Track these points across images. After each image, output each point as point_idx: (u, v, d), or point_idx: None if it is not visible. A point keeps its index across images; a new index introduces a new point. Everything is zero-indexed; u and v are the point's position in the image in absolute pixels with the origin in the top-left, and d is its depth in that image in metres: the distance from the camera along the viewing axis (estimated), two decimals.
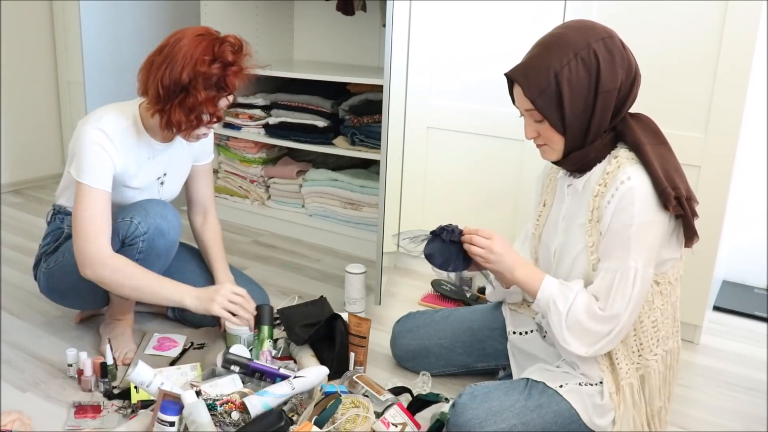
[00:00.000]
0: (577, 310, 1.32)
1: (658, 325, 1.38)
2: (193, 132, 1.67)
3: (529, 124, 1.36)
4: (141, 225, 1.64)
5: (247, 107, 2.94)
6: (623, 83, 1.29)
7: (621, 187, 1.28)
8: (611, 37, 1.29)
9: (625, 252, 1.28)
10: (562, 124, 1.30)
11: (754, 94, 2.03)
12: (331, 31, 3.17)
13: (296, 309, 1.93)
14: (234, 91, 1.66)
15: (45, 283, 1.81)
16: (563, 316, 1.33)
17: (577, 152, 1.34)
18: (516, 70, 1.32)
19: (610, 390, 1.37)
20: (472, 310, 1.79)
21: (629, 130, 1.32)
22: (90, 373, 1.64)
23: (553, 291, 1.35)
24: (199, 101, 1.58)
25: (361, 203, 2.75)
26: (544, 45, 1.31)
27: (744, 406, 1.73)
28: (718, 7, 1.79)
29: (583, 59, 1.26)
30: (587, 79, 1.27)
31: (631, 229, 1.26)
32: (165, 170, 1.82)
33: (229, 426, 1.41)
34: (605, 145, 1.34)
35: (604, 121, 1.31)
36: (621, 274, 1.29)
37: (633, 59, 1.32)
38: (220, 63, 1.59)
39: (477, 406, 1.34)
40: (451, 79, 2.29)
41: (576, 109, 1.28)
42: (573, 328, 1.33)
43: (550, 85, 1.27)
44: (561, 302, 1.34)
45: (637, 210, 1.26)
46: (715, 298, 2.33)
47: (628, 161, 1.30)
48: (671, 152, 1.34)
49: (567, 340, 1.33)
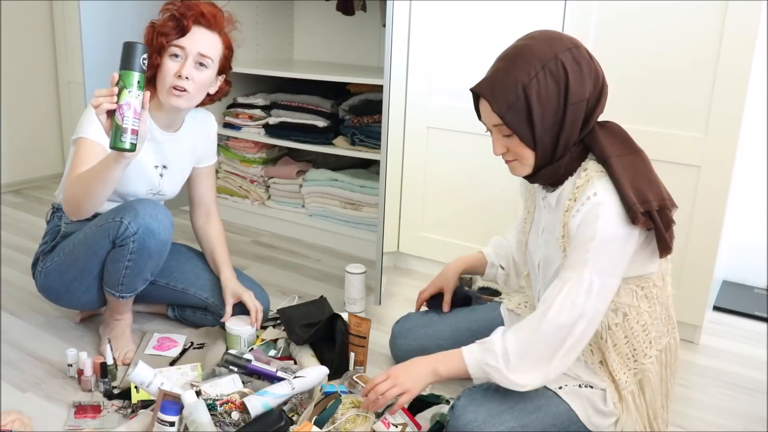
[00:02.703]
0: (511, 348, 1.29)
1: (648, 327, 1.37)
2: (162, 69, 1.67)
3: (497, 140, 1.33)
4: (131, 225, 1.63)
5: (247, 107, 2.94)
6: (591, 94, 1.27)
7: (587, 202, 1.25)
8: (578, 47, 1.26)
9: (582, 264, 1.25)
10: (532, 139, 1.27)
11: (754, 94, 2.03)
12: (331, 31, 3.17)
13: (296, 309, 1.93)
14: (188, 20, 1.67)
15: (41, 282, 1.81)
16: (501, 364, 1.29)
17: (547, 168, 1.31)
18: (482, 85, 1.28)
19: (614, 399, 1.37)
20: (471, 310, 1.79)
21: (596, 142, 1.29)
22: (90, 373, 1.64)
23: (476, 356, 1.33)
24: (156, 29, 1.67)
25: (361, 203, 2.75)
26: (509, 58, 1.27)
27: (744, 406, 1.73)
28: (718, 7, 1.79)
29: (551, 71, 1.23)
30: (556, 91, 1.24)
31: (591, 243, 1.24)
32: (164, 162, 1.82)
33: (229, 426, 1.41)
34: (575, 158, 1.31)
35: (574, 134, 1.28)
36: (572, 285, 1.26)
37: (600, 69, 1.29)
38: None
39: (475, 408, 1.34)
40: (451, 79, 2.29)
41: (546, 123, 1.25)
42: (518, 365, 1.29)
43: (518, 99, 1.24)
44: (491, 358, 1.31)
45: (600, 225, 1.23)
46: (715, 298, 2.33)
47: (597, 174, 1.27)
48: (643, 160, 1.30)
49: (520, 383, 1.30)
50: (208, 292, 1.92)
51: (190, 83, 1.67)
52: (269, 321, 1.98)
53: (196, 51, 1.67)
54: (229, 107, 3.01)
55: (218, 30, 1.72)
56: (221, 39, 1.73)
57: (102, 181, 1.48)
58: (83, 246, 1.71)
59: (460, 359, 1.35)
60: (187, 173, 1.92)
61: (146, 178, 1.79)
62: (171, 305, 2.01)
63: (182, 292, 1.92)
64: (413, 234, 2.50)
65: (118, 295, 1.74)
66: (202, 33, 1.68)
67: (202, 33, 1.68)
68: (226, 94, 1.84)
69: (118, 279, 1.70)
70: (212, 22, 1.70)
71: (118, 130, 1.35)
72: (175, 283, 1.92)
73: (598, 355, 1.39)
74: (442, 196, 2.41)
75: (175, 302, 1.98)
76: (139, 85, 1.36)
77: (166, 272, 1.91)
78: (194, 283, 1.92)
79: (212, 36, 1.70)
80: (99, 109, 1.35)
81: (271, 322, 1.97)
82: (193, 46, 1.66)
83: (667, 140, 1.91)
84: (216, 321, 1.92)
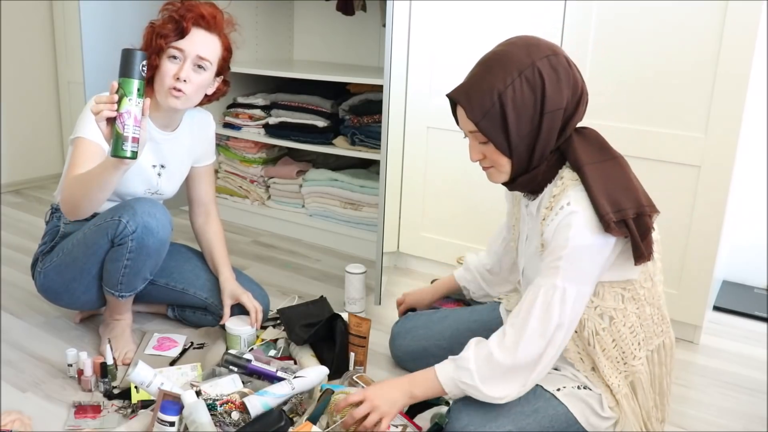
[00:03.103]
0: (486, 365, 1.28)
1: (636, 329, 1.36)
2: (161, 71, 1.66)
3: (473, 146, 1.32)
4: (129, 224, 1.63)
5: (247, 107, 2.94)
6: (569, 102, 1.25)
7: (560, 212, 1.24)
8: (556, 55, 1.24)
9: (554, 272, 1.24)
10: (507, 146, 1.26)
11: (754, 94, 2.03)
12: (331, 31, 3.17)
13: (296, 309, 1.93)
14: (187, 20, 1.66)
15: (41, 282, 1.81)
16: (477, 382, 1.28)
17: (524, 176, 1.30)
18: (458, 91, 1.27)
19: (610, 404, 1.37)
20: (470, 310, 1.79)
21: (572, 150, 1.27)
22: (90, 373, 1.64)
23: (451, 375, 1.32)
24: (155, 30, 1.67)
25: (361, 203, 2.75)
26: (486, 64, 1.26)
27: (744, 406, 1.73)
28: (718, 7, 1.79)
29: (527, 78, 1.21)
30: (532, 99, 1.22)
31: (563, 251, 1.23)
32: (163, 161, 1.82)
33: (229, 426, 1.41)
34: (551, 165, 1.30)
35: (550, 142, 1.27)
36: (545, 293, 1.25)
37: (579, 77, 1.27)
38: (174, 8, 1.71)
39: (472, 411, 1.33)
40: (451, 79, 2.29)
41: (521, 131, 1.24)
42: (496, 380, 1.28)
43: (494, 106, 1.22)
44: (466, 376, 1.29)
45: (572, 233, 1.22)
46: (715, 298, 2.33)
47: (572, 183, 1.26)
48: (620, 167, 1.28)
49: (497, 396, 1.29)
50: (208, 292, 1.92)
51: (188, 85, 1.67)
52: (269, 321, 1.98)
53: (195, 53, 1.67)
54: (229, 107, 3.01)
55: (218, 32, 1.72)
56: (220, 41, 1.73)
57: (100, 184, 1.49)
58: (82, 245, 1.71)
59: (434, 379, 1.33)
60: (185, 172, 1.92)
61: (144, 177, 1.79)
62: (171, 305, 2.01)
63: (182, 292, 1.92)
64: (413, 234, 2.50)
65: (118, 294, 1.74)
66: (201, 35, 1.68)
67: (202, 35, 1.68)
68: (224, 94, 1.84)
69: (117, 278, 1.70)
70: (212, 24, 1.70)
71: (119, 139, 1.35)
72: (175, 284, 1.92)
73: (588, 363, 1.38)
74: (442, 196, 2.41)
75: (175, 302, 1.98)
76: (139, 93, 1.36)
77: (165, 272, 1.91)
78: (194, 283, 1.92)
79: (211, 38, 1.70)
80: (99, 117, 1.35)
81: (271, 322, 1.97)
82: (192, 48, 1.66)
83: (667, 140, 1.91)
84: (216, 321, 1.92)
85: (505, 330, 1.30)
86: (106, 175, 1.46)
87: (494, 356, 1.28)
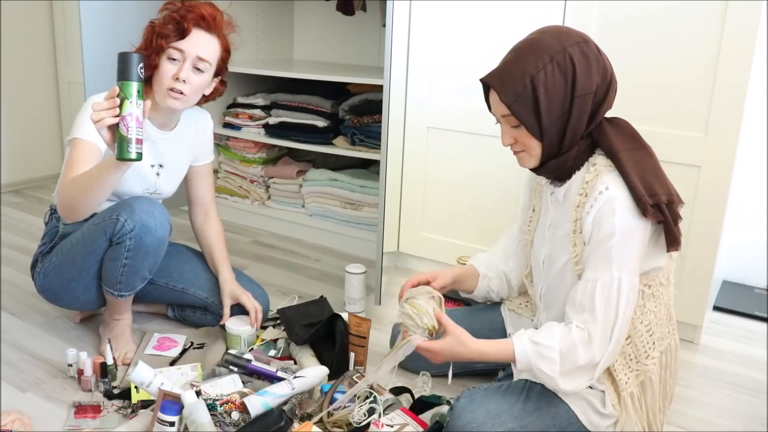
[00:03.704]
0: (565, 359, 1.28)
1: (652, 327, 1.37)
2: (160, 71, 1.67)
3: (506, 131, 1.35)
4: (127, 222, 1.63)
5: (247, 107, 2.94)
6: (599, 88, 1.29)
7: (600, 197, 1.26)
8: (586, 42, 1.29)
9: (608, 262, 1.26)
10: (539, 130, 1.29)
11: (754, 94, 2.03)
12: (331, 31, 3.17)
13: (296, 309, 1.93)
14: (188, 21, 1.66)
15: (40, 283, 1.81)
16: (557, 374, 1.29)
17: (554, 160, 1.33)
18: (491, 76, 1.31)
19: (612, 402, 1.37)
20: (471, 310, 1.79)
21: (604, 137, 1.31)
22: (90, 373, 1.64)
23: (530, 360, 1.31)
24: (156, 30, 1.67)
25: (361, 203, 2.75)
26: (519, 50, 1.30)
27: (744, 406, 1.73)
28: (718, 7, 1.79)
29: (558, 64, 1.26)
30: (563, 83, 1.26)
31: (612, 240, 1.25)
32: (161, 161, 1.82)
33: (229, 426, 1.41)
34: (582, 152, 1.33)
35: (580, 127, 1.30)
36: (603, 285, 1.26)
37: (609, 64, 1.31)
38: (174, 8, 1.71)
39: (475, 408, 1.34)
40: (451, 79, 2.29)
41: (552, 114, 1.28)
42: (570, 375, 1.29)
43: (525, 89, 1.26)
44: (546, 366, 1.29)
45: (618, 220, 1.24)
46: (715, 298, 2.33)
47: (606, 169, 1.29)
48: (650, 156, 1.32)
49: (567, 389, 1.30)
50: (208, 291, 1.92)
51: (187, 86, 1.67)
52: (269, 321, 1.98)
53: (195, 55, 1.67)
54: (229, 107, 3.01)
55: (217, 33, 1.72)
56: (220, 42, 1.73)
57: (100, 185, 1.49)
58: (80, 245, 1.71)
59: (509, 352, 1.32)
60: (183, 172, 1.92)
61: (143, 177, 1.79)
62: (171, 305, 2.01)
63: (182, 292, 1.92)
64: (413, 234, 2.50)
65: (117, 294, 1.74)
66: (201, 36, 1.68)
67: (202, 36, 1.68)
68: (221, 94, 1.85)
69: (116, 277, 1.70)
70: (212, 25, 1.70)
71: (123, 142, 1.35)
72: (175, 283, 1.92)
73: None
74: (442, 196, 2.41)
75: (175, 302, 1.98)
76: (138, 95, 1.36)
77: (165, 272, 1.91)
78: (194, 282, 1.92)
79: (211, 39, 1.70)
80: (100, 124, 1.35)
81: (271, 322, 1.97)
82: (192, 49, 1.66)
83: (667, 140, 1.91)
84: (216, 321, 1.92)
85: (574, 324, 1.28)
86: (105, 176, 1.46)
87: (577, 351, 1.27)
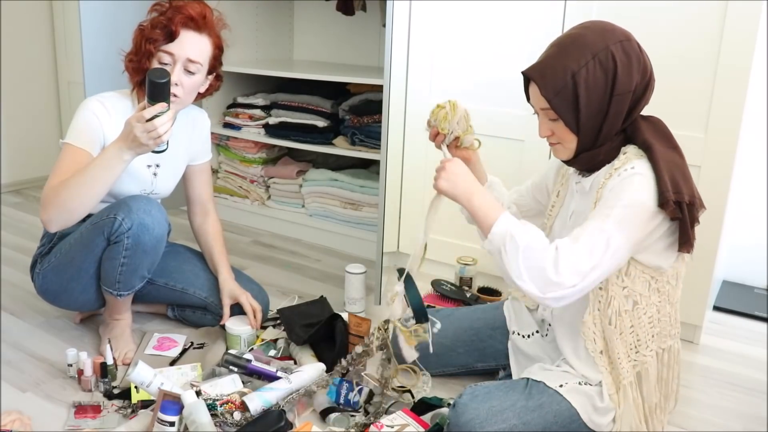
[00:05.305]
0: (536, 248, 1.26)
1: (655, 321, 1.38)
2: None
3: (543, 123, 1.37)
4: (125, 221, 1.63)
5: (247, 107, 2.94)
6: (638, 86, 1.30)
7: (623, 173, 1.28)
8: (629, 40, 1.30)
9: (604, 218, 1.25)
10: (576, 124, 1.31)
11: (754, 93, 2.03)
12: (331, 31, 3.17)
13: (296, 309, 1.93)
14: (176, 25, 1.66)
15: (40, 284, 1.81)
16: (520, 249, 1.26)
17: (587, 153, 1.35)
18: (533, 69, 1.33)
19: (609, 392, 1.37)
20: (473, 309, 1.79)
21: (640, 132, 1.33)
22: (90, 373, 1.64)
23: (509, 226, 1.29)
24: (145, 35, 1.68)
25: (361, 203, 2.75)
26: (562, 45, 1.31)
27: (744, 406, 1.73)
28: (718, 7, 1.79)
29: (600, 61, 1.27)
30: (604, 81, 1.28)
31: (619, 201, 1.25)
32: (158, 161, 1.82)
33: (230, 426, 1.41)
34: (615, 147, 1.34)
35: (617, 123, 1.31)
36: (593, 230, 1.25)
37: (649, 63, 1.32)
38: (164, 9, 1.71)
39: (477, 405, 1.34)
40: (451, 79, 2.29)
41: (591, 111, 1.29)
42: (530, 267, 1.26)
43: (566, 85, 1.28)
44: (520, 236, 1.27)
45: (632, 189, 1.25)
46: (715, 298, 2.33)
47: (636, 155, 1.30)
48: (681, 157, 1.33)
49: (522, 277, 1.26)
50: (208, 291, 1.92)
51: (180, 89, 1.67)
52: (269, 321, 1.98)
53: (185, 57, 1.66)
54: (229, 107, 3.01)
55: (207, 31, 1.71)
56: (211, 40, 1.72)
57: (104, 177, 1.52)
58: (79, 245, 1.71)
59: (497, 212, 1.32)
60: (181, 171, 1.92)
61: (140, 178, 1.79)
62: (171, 305, 2.01)
63: (181, 292, 1.92)
64: (413, 234, 2.50)
65: (116, 293, 1.73)
66: (190, 37, 1.67)
67: (191, 37, 1.67)
68: (217, 89, 1.85)
69: (114, 277, 1.70)
70: (201, 25, 1.69)
71: None
72: (174, 283, 1.92)
73: (600, 344, 1.38)
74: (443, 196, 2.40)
75: (175, 302, 1.98)
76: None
77: (165, 272, 1.91)
78: (193, 282, 1.92)
79: (201, 39, 1.69)
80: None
81: (271, 322, 1.97)
82: (182, 52, 1.66)
83: None
84: (216, 321, 1.92)
85: (558, 244, 1.27)
86: (108, 169, 1.50)
87: (546, 254, 1.25)
